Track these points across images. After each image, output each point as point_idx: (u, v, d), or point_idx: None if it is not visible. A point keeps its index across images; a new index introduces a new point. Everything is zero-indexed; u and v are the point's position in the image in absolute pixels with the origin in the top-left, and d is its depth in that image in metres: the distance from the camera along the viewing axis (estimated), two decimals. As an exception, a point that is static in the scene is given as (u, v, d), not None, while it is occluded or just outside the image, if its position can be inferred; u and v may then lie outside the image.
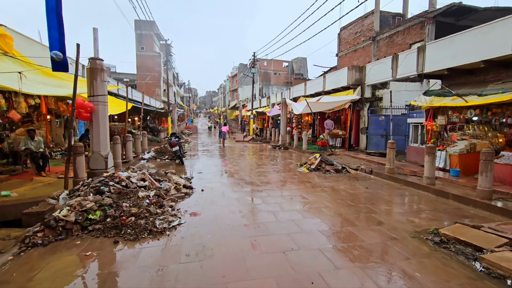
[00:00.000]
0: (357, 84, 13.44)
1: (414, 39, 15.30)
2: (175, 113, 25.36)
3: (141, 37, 40.87)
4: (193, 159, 11.01)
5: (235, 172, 8.39)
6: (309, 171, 8.49)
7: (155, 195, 4.98)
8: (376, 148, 13.02)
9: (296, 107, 14.66)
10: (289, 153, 13.82)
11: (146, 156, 10.63)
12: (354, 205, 5.14)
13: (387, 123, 13.01)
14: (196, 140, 21.68)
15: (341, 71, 14.32)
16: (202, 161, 10.53)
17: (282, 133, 17.19)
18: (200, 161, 10.65)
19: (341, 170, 8.43)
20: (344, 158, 10.99)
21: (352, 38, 20.77)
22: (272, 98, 27.53)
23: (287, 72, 56.98)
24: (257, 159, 11.41)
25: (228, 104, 65.81)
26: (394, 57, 11.25)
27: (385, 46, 17.40)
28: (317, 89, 16.83)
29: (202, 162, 10.38)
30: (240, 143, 19.34)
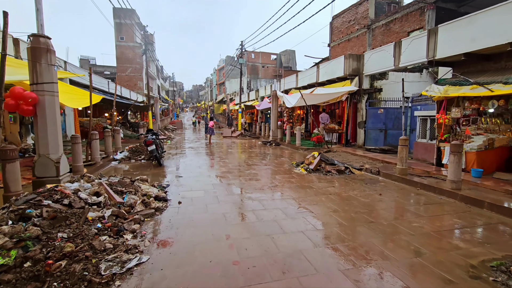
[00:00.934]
0: (355, 74, 12.37)
1: (413, 26, 14.35)
2: (157, 107, 23.66)
3: (120, 26, 38.38)
4: (174, 159, 9.65)
5: (221, 174, 7.14)
6: (307, 172, 7.35)
7: (112, 216, 3.68)
8: (375, 143, 12.07)
9: (288, 99, 13.48)
10: (281, 150, 12.66)
11: (118, 156, 9.19)
12: (373, 221, 4.02)
13: (386, 116, 12.08)
14: (180, 136, 20.19)
15: (337, 61, 13.21)
16: (184, 161, 9.20)
17: (273, 128, 16.01)
18: (182, 161, 9.32)
19: (344, 171, 7.34)
20: (343, 156, 9.93)
21: (345, 27, 19.70)
22: (261, 91, 26.26)
23: (276, 65, 55.80)
24: (246, 157, 10.18)
25: (215, 98, 63.98)
26: (397, 44, 10.20)
27: (381, 34, 16.42)
28: (310, 80, 15.68)
29: (184, 162, 9.06)
30: (227, 139, 18.04)
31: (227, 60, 55.48)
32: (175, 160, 9.40)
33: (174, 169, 7.89)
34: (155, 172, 7.37)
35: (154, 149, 7.98)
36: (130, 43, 38.91)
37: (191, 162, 9.01)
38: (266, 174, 7.25)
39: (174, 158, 9.98)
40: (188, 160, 9.44)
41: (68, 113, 13.42)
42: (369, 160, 8.92)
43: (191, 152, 11.61)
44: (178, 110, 68.95)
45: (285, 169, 7.98)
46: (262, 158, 10.13)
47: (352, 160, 8.97)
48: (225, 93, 49.95)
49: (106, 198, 4.00)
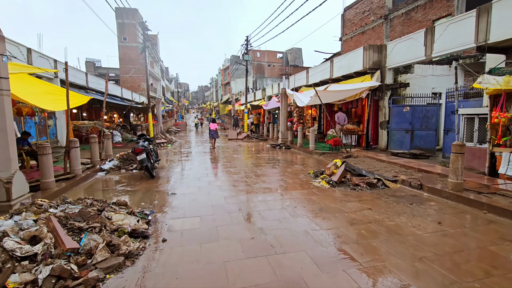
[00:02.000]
0: (376, 68, 10.89)
1: (439, 13, 12.77)
2: (159, 109, 22.49)
3: (123, 26, 37.52)
4: (170, 168, 8.35)
5: (225, 190, 5.79)
6: (330, 186, 5.95)
7: (50, 278, 2.36)
8: (400, 146, 10.59)
9: (300, 98, 12.07)
10: (293, 154, 11.26)
11: (106, 166, 7.93)
12: (457, 280, 2.60)
13: (413, 115, 10.57)
14: (183, 139, 18.95)
15: (354, 53, 11.74)
16: (181, 171, 7.90)
17: (282, 130, 14.61)
18: (180, 170, 8.01)
19: (376, 184, 5.90)
20: (367, 162, 8.48)
21: (359, 19, 18.16)
22: (268, 90, 24.87)
23: (282, 64, 54.48)
24: (254, 165, 8.82)
25: (220, 98, 62.90)
26: (429, 30, 8.70)
27: (401, 25, 14.86)
28: (322, 76, 14.24)
29: (182, 172, 7.75)
30: (233, 141, 16.71)
31: (232, 60, 54.41)
32: (172, 170, 8.10)
33: (168, 182, 6.57)
34: (143, 188, 6.06)
35: (144, 158, 6.67)
36: (133, 43, 37.93)
37: (190, 173, 7.68)
38: (279, 189, 5.87)
39: (172, 166, 8.68)
40: (186, 170, 8.13)
41: (59, 116, 12.29)
42: (401, 168, 7.45)
43: (191, 158, 10.30)
44: (184, 112, 68.07)
45: (301, 181, 6.58)
46: (273, 165, 8.74)
47: (380, 168, 7.52)
48: (231, 93, 48.77)
49: (50, 244, 2.68)
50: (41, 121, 11.01)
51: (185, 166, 8.75)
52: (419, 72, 11.47)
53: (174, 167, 8.60)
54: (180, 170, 8.12)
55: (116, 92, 20.87)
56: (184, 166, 8.75)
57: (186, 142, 16.80)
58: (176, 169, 8.20)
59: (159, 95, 45.42)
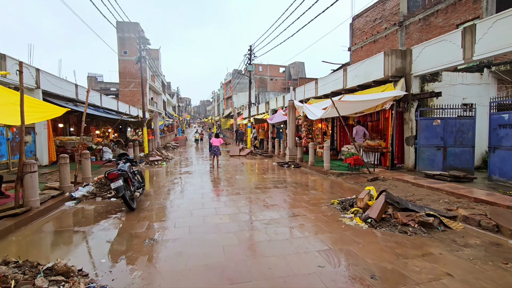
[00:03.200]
0: (399, 75, 9.51)
1: (464, 17, 11.53)
2: (157, 123, 21.17)
3: (123, 40, 37.06)
4: (158, 195, 6.78)
5: (225, 235, 4.21)
6: (369, 226, 4.35)
7: None
8: (431, 165, 9.03)
9: (312, 110, 10.63)
10: (304, 174, 9.68)
11: (79, 192, 6.38)
12: None
13: (444, 129, 9.06)
14: (181, 155, 17.45)
15: (373, 60, 10.40)
16: (171, 200, 6.33)
17: (289, 146, 13.10)
18: (169, 200, 6.44)
19: (432, 224, 4.29)
20: (401, 187, 6.89)
21: (370, 27, 17.04)
22: (272, 103, 23.59)
23: (284, 78, 53.94)
24: (261, 191, 7.23)
25: (222, 112, 62.03)
26: (468, 30, 7.35)
27: (418, 31, 13.64)
28: (334, 87, 12.88)
29: (171, 203, 6.17)
30: (235, 158, 15.18)
31: (234, 74, 53.92)
32: (160, 198, 6.53)
33: (150, 218, 5.00)
34: (114, 227, 4.49)
35: (121, 186, 5.13)
36: (134, 57, 37.34)
37: (182, 202, 6.11)
38: (299, 232, 4.27)
39: (161, 192, 7.11)
40: (178, 198, 6.56)
41: (39, 131, 10.87)
42: (449, 197, 5.84)
43: (187, 181, 8.75)
44: (185, 126, 67.10)
45: (326, 215, 4.99)
46: (284, 191, 7.15)
47: (423, 197, 5.92)
48: (233, 107, 47.83)
49: None
50: (15, 137, 9.58)
51: (177, 192, 7.18)
52: (447, 81, 10.06)
53: (163, 193, 7.03)
54: (170, 198, 6.55)
55: (111, 106, 19.62)
56: (176, 192, 7.18)
57: (184, 159, 15.29)
58: (166, 197, 6.63)
59: (159, 109, 44.46)
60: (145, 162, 12.98)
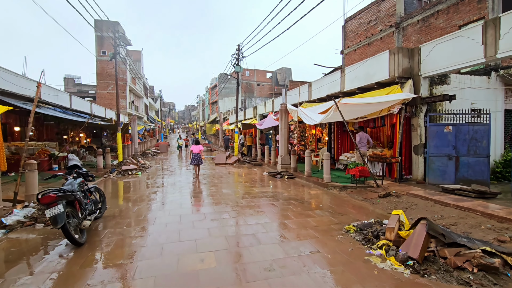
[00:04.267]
0: (406, 76, 8.54)
1: (468, 17, 10.84)
2: (134, 127, 19.39)
3: (102, 39, 34.89)
4: (121, 219, 5.26)
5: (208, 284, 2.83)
6: (413, 271, 3.10)
7: None
8: (442, 177, 8.08)
9: (308, 114, 9.46)
10: (302, 188, 8.41)
11: (13, 217, 4.77)
12: None
13: (457, 136, 8.13)
14: (161, 163, 15.78)
15: (376, 59, 9.41)
16: (134, 230, 4.85)
17: (282, 153, 11.85)
18: (133, 228, 4.96)
19: (498, 268, 3.10)
20: (421, 206, 5.75)
21: (364, 29, 16.30)
22: (260, 108, 22.42)
23: (271, 83, 53.31)
24: (255, 211, 5.88)
25: (207, 118, 60.34)
26: (490, 23, 6.45)
27: (417, 33, 12.91)
28: (330, 90, 11.83)
29: (134, 233, 4.70)
30: (221, 167, 13.74)
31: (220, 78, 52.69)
32: (123, 222, 5.03)
33: (103, 260, 3.52)
34: (43, 281, 2.99)
35: (59, 214, 3.61)
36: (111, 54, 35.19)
37: (151, 230, 4.65)
38: (317, 284, 2.95)
39: (126, 214, 5.59)
40: (147, 222, 5.08)
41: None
42: (488, 220, 4.72)
43: (162, 197, 7.25)
44: (168, 131, 64.69)
45: (345, 251, 3.70)
46: (282, 210, 5.83)
47: (455, 220, 4.78)
48: (218, 112, 46.38)
49: None
50: None
51: (148, 213, 5.69)
52: (456, 84, 9.21)
53: (130, 215, 5.52)
54: (138, 223, 5.06)
55: (84, 108, 17.70)
56: (147, 213, 5.68)
57: (163, 168, 13.67)
58: (132, 221, 5.14)
59: (140, 113, 42.27)
60: (116, 172, 11.29)
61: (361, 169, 7.70)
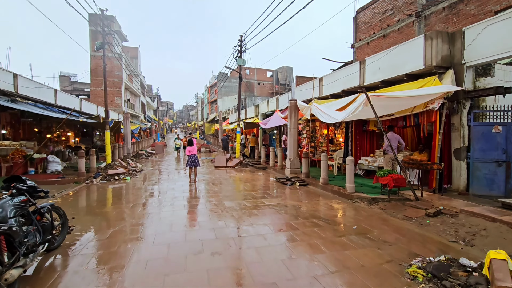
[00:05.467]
0: (445, 66, 7.11)
1: (507, 2, 9.43)
2: (127, 126, 17.88)
3: (96, 35, 33.24)
4: (87, 248, 3.79)
5: None
6: None
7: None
8: (488, 187, 6.70)
9: (326, 112, 8.00)
10: (320, 199, 6.95)
11: None
12: None
13: (507, 138, 6.72)
14: (155, 166, 14.29)
15: (406, 47, 7.97)
16: (104, 271, 3.38)
17: (291, 156, 10.41)
18: (104, 264, 3.48)
19: None
20: (494, 233, 4.31)
21: (379, 20, 14.88)
22: (263, 106, 20.95)
23: (272, 82, 51.93)
24: (270, 236, 4.42)
25: (206, 117, 58.86)
26: None
27: (442, 22, 11.50)
28: (346, 84, 10.38)
29: (104, 274, 3.23)
30: (221, 170, 12.27)
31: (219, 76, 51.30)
32: (89, 256, 3.56)
33: None
34: None
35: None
36: (109, 53, 33.61)
37: (127, 274, 3.19)
38: None
39: (98, 241, 4.12)
40: (122, 256, 3.62)
41: None
42: None
43: (149, 212, 5.77)
44: (165, 131, 63.13)
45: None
46: (306, 236, 4.36)
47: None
48: (217, 111, 44.91)
49: None
50: None
51: (124, 243, 4.22)
52: (501, 75, 7.80)
53: (101, 245, 4.04)
54: (102, 261, 3.59)
55: (72, 105, 16.17)
56: (123, 244, 4.21)
57: (157, 172, 12.17)
58: (102, 255, 3.66)
59: (137, 112, 40.73)
60: (101, 177, 9.79)
61: (396, 178, 6.25)
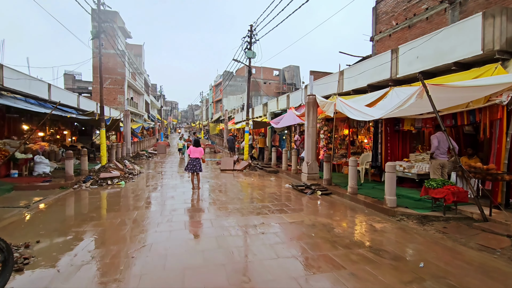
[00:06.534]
0: (510, 51, 5.71)
1: None
2: (127, 124, 16.69)
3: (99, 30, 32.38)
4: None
5: None
6: None
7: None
8: None
9: (357, 108, 6.65)
10: (354, 215, 5.59)
11: None
12: None
13: None
14: (155, 168, 13.04)
15: (455, 28, 6.57)
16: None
17: (308, 160, 9.07)
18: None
19: None
20: None
21: (403, 9, 13.45)
22: (271, 105, 19.62)
23: (278, 82, 50.65)
24: (307, 283, 3.08)
25: (211, 117, 57.73)
26: None
27: (482, 7, 10.02)
28: (373, 78, 9.02)
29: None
30: (228, 174, 10.97)
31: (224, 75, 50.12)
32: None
33: None
34: None
35: None
36: (111, 50, 32.49)
37: None
38: None
39: (68, 276, 2.84)
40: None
41: None
42: None
43: (140, 232, 4.48)
44: (169, 130, 62.14)
45: None
46: (360, 281, 3.03)
47: None
48: (222, 111, 43.74)
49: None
50: None
51: (98, 279, 2.92)
52: None
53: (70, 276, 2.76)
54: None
55: (69, 102, 15.06)
56: (97, 280, 2.92)
57: (156, 176, 10.90)
58: None
59: (140, 111, 39.72)
60: (92, 181, 8.55)
61: (455, 191, 4.87)
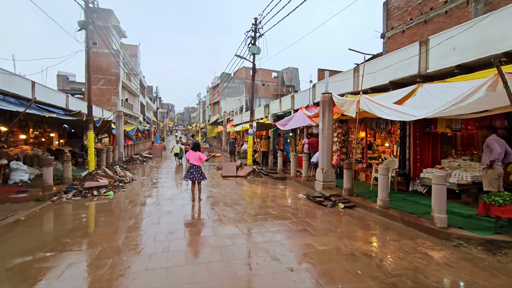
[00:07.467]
0: None
1: None
2: (120, 126, 15.47)
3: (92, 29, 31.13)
4: None
5: None
6: None
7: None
8: None
9: (389, 106, 5.60)
10: (395, 238, 4.49)
11: None
12: None
13: None
14: (150, 174, 11.83)
15: (505, 13, 5.58)
16: None
17: (323, 166, 7.98)
18: None
19: None
20: None
21: (418, 3, 12.54)
22: (274, 106, 18.58)
23: (277, 84, 49.77)
24: None
25: (208, 119, 56.53)
26: None
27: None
28: (397, 73, 8.00)
29: None
30: (231, 181, 9.83)
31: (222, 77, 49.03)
32: None
33: None
34: None
35: None
36: (105, 49, 31.24)
37: None
38: None
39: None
40: None
41: None
42: None
43: (131, 259, 3.32)
44: (165, 133, 60.75)
45: None
46: None
47: None
48: (220, 113, 42.65)
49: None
50: None
51: None
52: None
53: None
54: None
55: (56, 102, 13.84)
56: None
57: (150, 184, 9.71)
58: None
59: (135, 112, 38.38)
60: (75, 191, 7.34)
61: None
